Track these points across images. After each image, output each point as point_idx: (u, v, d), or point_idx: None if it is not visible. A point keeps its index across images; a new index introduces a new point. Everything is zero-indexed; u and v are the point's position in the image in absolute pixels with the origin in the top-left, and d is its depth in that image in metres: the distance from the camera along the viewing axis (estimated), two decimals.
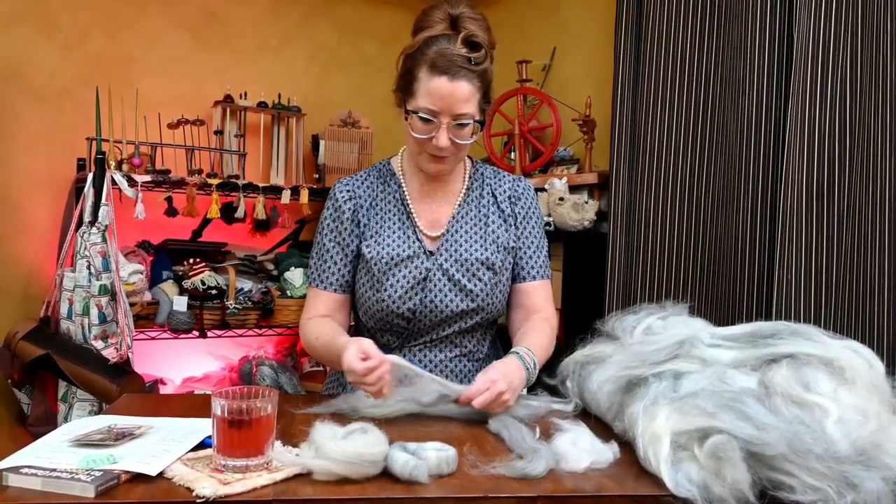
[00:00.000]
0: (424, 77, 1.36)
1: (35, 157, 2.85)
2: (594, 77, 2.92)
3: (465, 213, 1.52)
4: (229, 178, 2.92)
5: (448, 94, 1.35)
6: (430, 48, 1.36)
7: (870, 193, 1.87)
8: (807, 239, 1.89)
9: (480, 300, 1.46)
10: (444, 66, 1.34)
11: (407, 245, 1.47)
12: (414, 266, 1.45)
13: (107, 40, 3.00)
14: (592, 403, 1.26)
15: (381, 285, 1.44)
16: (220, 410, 0.96)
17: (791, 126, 1.91)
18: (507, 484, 0.95)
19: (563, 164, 2.91)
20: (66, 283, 2.53)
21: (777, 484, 0.90)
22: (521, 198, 1.57)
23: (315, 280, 1.51)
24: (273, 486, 0.93)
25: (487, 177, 1.58)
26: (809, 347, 1.08)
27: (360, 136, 3.27)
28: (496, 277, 1.48)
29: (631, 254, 2.46)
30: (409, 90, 1.40)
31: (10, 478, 0.92)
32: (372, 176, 1.55)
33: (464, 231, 1.50)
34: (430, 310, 1.44)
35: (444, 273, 1.45)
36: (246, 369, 3.02)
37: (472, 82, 1.36)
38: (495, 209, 1.54)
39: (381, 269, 1.44)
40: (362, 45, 3.53)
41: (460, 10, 1.39)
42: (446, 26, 1.38)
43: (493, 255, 1.48)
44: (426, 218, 1.51)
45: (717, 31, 2.25)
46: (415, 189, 1.52)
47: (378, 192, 1.52)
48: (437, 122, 1.37)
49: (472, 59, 1.35)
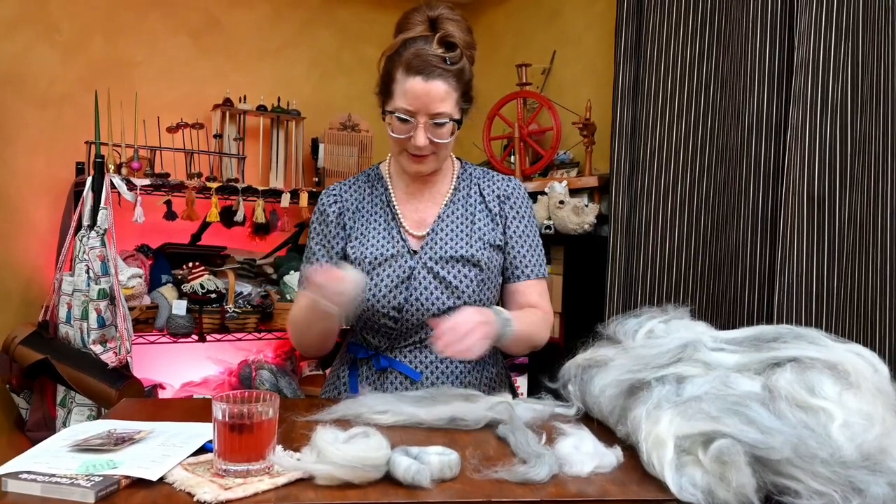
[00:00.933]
0: (401, 78, 1.38)
1: (35, 160, 2.85)
2: (594, 80, 2.92)
3: (452, 212, 1.52)
4: (229, 182, 2.92)
5: (423, 94, 1.36)
6: (408, 49, 1.38)
7: (870, 199, 1.87)
8: (808, 245, 1.89)
9: (467, 297, 1.46)
10: (419, 66, 1.36)
11: (391, 245, 1.48)
12: (398, 265, 1.46)
13: (107, 45, 3.00)
14: (595, 407, 1.26)
15: (366, 284, 1.44)
16: (222, 415, 0.96)
17: (792, 132, 1.91)
18: (509, 488, 0.95)
19: (563, 168, 2.91)
20: (65, 287, 2.52)
21: (782, 488, 0.90)
22: (511, 196, 1.55)
23: (302, 283, 1.52)
24: (275, 491, 0.92)
25: (476, 177, 1.58)
26: (813, 351, 1.07)
27: (359, 139, 3.26)
28: (482, 274, 1.48)
29: (631, 257, 2.46)
30: (387, 91, 1.42)
31: (10, 483, 0.91)
32: (360, 181, 1.57)
33: (449, 230, 1.50)
34: (416, 308, 1.44)
35: (428, 270, 1.46)
36: (245, 373, 3.01)
37: (447, 81, 1.38)
38: (482, 207, 1.54)
39: (365, 268, 1.45)
40: (362, 49, 3.54)
41: (439, 11, 1.40)
42: (425, 28, 1.40)
43: (478, 251, 1.48)
44: (412, 218, 1.52)
45: (718, 38, 2.25)
46: (401, 190, 1.54)
47: (365, 196, 1.54)
48: (413, 121, 1.39)
49: (448, 59, 1.37)
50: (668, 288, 2.36)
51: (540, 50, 3.18)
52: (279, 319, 2.97)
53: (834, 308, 1.89)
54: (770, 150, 2.06)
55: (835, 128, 1.87)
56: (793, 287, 1.89)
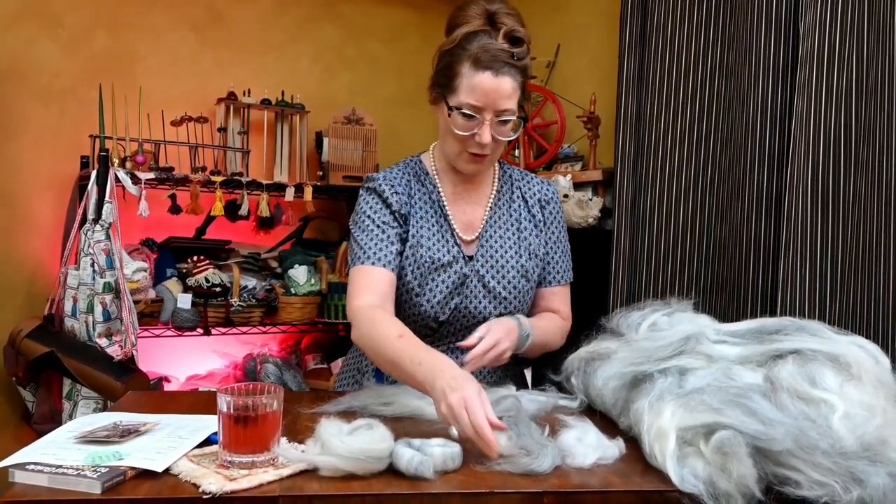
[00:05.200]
0: (467, 72, 1.34)
1: (39, 155, 2.85)
2: (599, 74, 2.91)
3: (498, 216, 1.51)
4: (233, 176, 2.92)
5: (492, 90, 1.33)
6: (472, 43, 1.34)
7: (875, 189, 1.86)
8: (812, 235, 1.88)
9: (513, 307, 1.47)
10: (488, 62, 1.32)
11: (447, 249, 1.45)
12: (453, 271, 1.44)
13: (110, 38, 3.00)
14: (598, 400, 1.26)
15: (420, 289, 1.42)
16: (227, 407, 0.97)
17: (796, 122, 1.91)
18: (512, 480, 0.95)
19: (567, 161, 2.91)
20: (70, 280, 2.53)
21: (783, 479, 0.90)
22: (551, 202, 1.57)
23: (362, 257, 1.39)
24: (279, 483, 0.93)
25: (516, 178, 1.57)
26: (815, 343, 1.07)
27: (364, 133, 3.26)
28: (528, 284, 1.49)
29: (635, 251, 2.46)
30: (449, 86, 1.37)
31: (17, 474, 0.92)
32: (407, 173, 1.51)
33: (498, 236, 1.49)
34: (465, 315, 1.44)
35: (479, 279, 1.45)
36: (250, 367, 3.02)
37: (514, 78, 1.35)
38: (527, 213, 1.54)
39: (423, 272, 1.42)
40: (366, 43, 3.53)
41: (496, 6, 1.37)
42: (483, 22, 1.36)
43: (527, 262, 1.49)
44: (461, 220, 1.49)
45: (723, 27, 2.25)
46: (448, 190, 1.50)
47: (415, 190, 1.49)
48: (480, 118, 1.35)
49: (515, 55, 1.34)
50: (671, 281, 2.36)
51: (544, 43, 3.17)
52: (284, 313, 2.98)
53: (837, 300, 1.89)
54: (774, 144, 2.05)
55: (839, 121, 1.87)
56: (796, 280, 1.89)
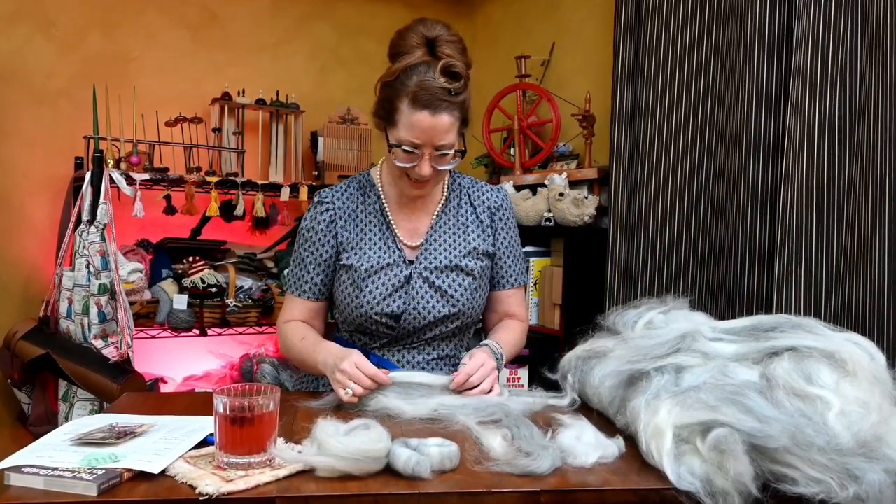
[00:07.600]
0: (406, 110, 1.36)
1: (33, 156, 2.84)
2: (593, 72, 2.91)
3: (444, 222, 1.55)
4: (228, 176, 2.91)
5: (430, 128, 1.36)
6: (411, 79, 1.35)
7: (870, 186, 1.86)
8: (807, 232, 1.89)
9: (462, 305, 1.49)
10: (426, 100, 1.34)
11: (387, 255, 1.49)
12: (393, 273, 1.47)
13: (104, 39, 2.99)
14: (594, 398, 1.26)
15: (359, 291, 1.46)
16: (223, 408, 0.96)
17: (791, 119, 1.91)
18: (510, 479, 0.96)
19: (562, 160, 2.91)
20: (66, 282, 2.52)
21: (779, 476, 0.91)
22: (500, 208, 1.60)
23: (291, 287, 1.56)
24: (276, 483, 0.93)
25: (465, 186, 1.61)
26: (811, 340, 1.08)
27: (359, 132, 3.26)
28: (475, 283, 1.52)
29: (631, 249, 2.46)
30: (390, 119, 1.41)
31: (13, 477, 0.92)
32: (352, 187, 1.57)
33: (442, 239, 1.53)
34: (414, 316, 1.47)
35: (424, 280, 1.48)
36: (247, 367, 3.02)
37: (452, 114, 1.37)
38: (474, 218, 1.57)
39: (361, 276, 1.47)
40: (361, 42, 3.53)
41: (437, 32, 1.38)
42: (424, 52, 1.37)
43: (471, 261, 1.52)
44: (405, 227, 1.53)
45: (717, 23, 2.25)
46: (393, 200, 1.54)
47: (358, 204, 1.54)
48: (419, 152, 1.39)
49: (452, 90, 1.36)
50: (667, 279, 2.36)
51: (539, 42, 3.17)
52: None
53: (833, 296, 1.89)
54: (769, 139, 2.05)
55: (834, 112, 1.87)
56: (792, 275, 1.89)
